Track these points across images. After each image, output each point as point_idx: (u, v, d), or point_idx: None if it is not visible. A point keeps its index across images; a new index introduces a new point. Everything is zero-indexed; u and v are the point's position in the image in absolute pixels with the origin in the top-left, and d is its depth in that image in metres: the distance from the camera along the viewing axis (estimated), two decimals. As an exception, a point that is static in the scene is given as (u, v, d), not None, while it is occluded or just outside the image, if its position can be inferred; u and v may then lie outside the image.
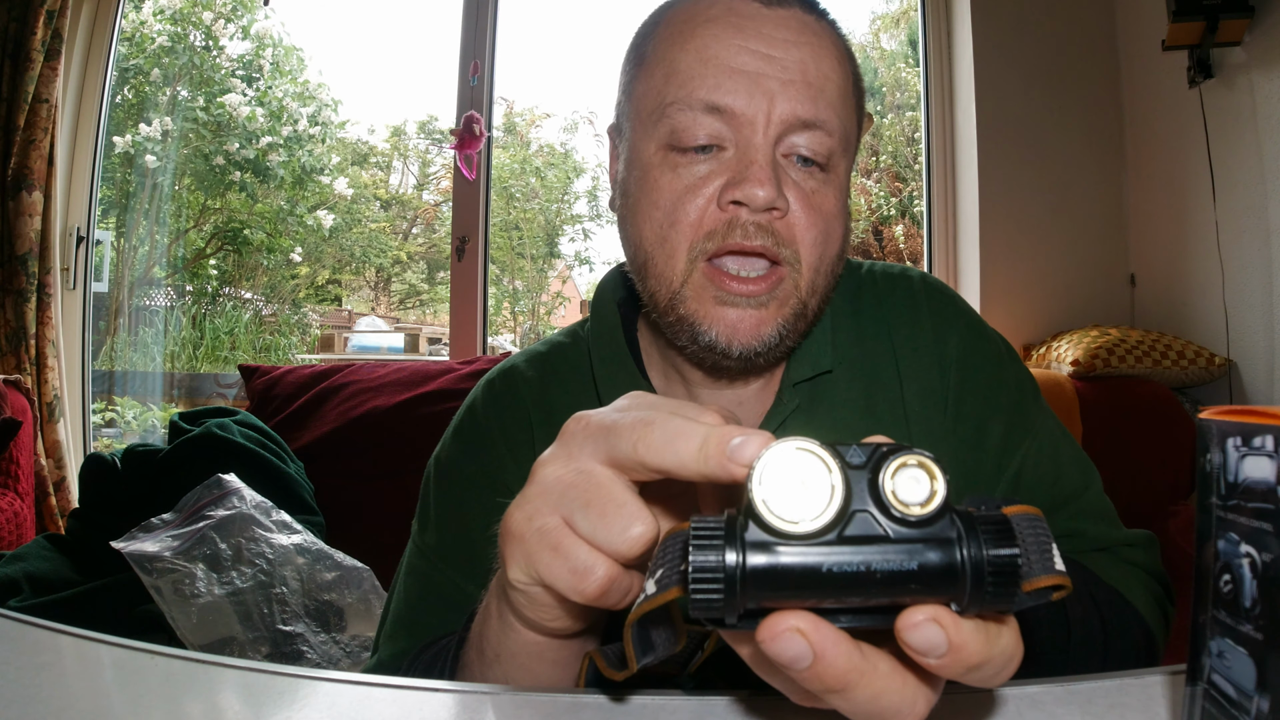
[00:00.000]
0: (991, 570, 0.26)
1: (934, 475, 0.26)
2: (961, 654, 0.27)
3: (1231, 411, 0.31)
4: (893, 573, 0.26)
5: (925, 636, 0.26)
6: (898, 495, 0.26)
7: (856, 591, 0.26)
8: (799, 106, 0.56)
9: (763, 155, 0.56)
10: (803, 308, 0.60)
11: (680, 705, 0.43)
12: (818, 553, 0.26)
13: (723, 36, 0.57)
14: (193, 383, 3.52)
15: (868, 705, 0.29)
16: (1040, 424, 0.69)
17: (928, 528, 0.26)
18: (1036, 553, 0.29)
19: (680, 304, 0.59)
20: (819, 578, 0.26)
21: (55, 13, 2.38)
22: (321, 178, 3.91)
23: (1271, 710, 0.28)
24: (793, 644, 0.26)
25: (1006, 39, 2.35)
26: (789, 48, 0.57)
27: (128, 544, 1.42)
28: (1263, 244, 1.86)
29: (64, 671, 0.46)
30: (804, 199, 0.58)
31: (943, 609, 0.27)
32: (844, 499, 0.26)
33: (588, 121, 4.00)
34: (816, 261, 0.59)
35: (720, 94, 0.56)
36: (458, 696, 0.44)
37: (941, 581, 0.26)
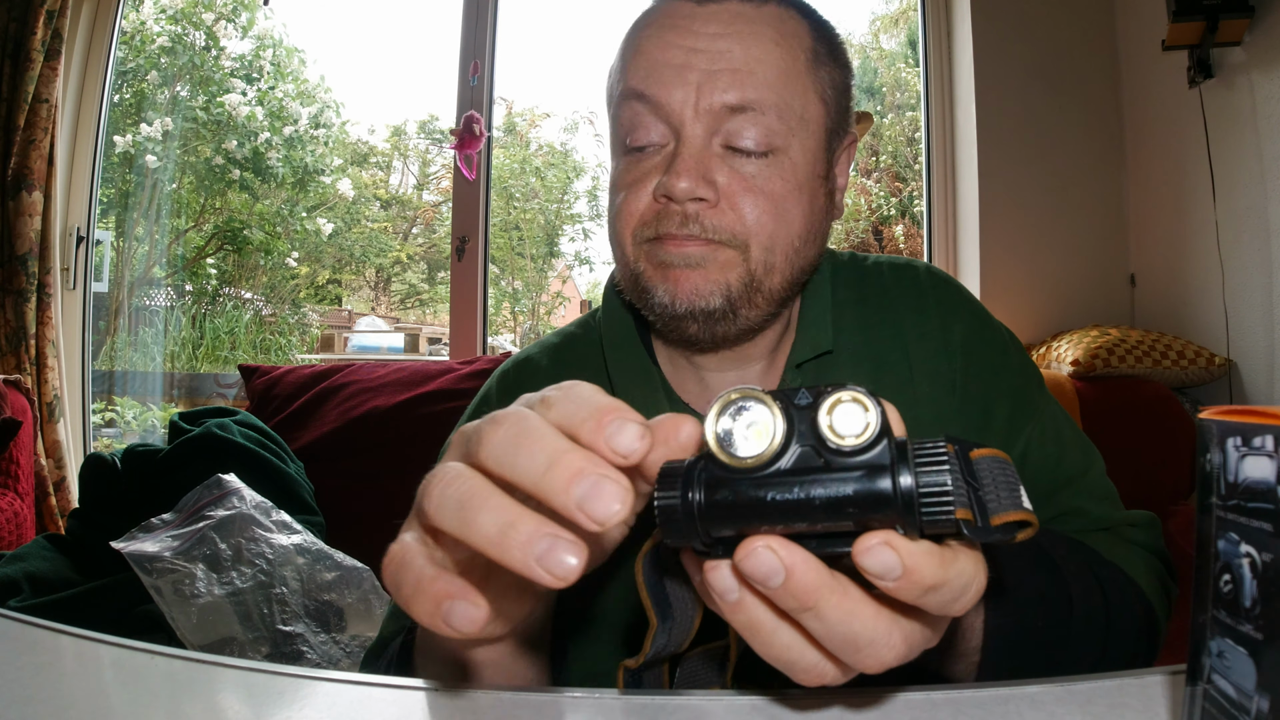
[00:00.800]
0: (923, 493, 0.28)
1: (867, 408, 0.29)
2: (915, 576, 0.29)
3: (1231, 411, 0.31)
4: (830, 499, 0.28)
5: (878, 559, 0.28)
6: (834, 428, 0.29)
7: (802, 518, 0.29)
8: (726, 93, 0.59)
9: (689, 148, 0.60)
10: (754, 282, 0.62)
11: (680, 705, 0.43)
12: (763, 485, 0.29)
13: (655, 36, 0.62)
14: (193, 383, 3.52)
15: (841, 627, 0.30)
16: (1044, 407, 0.71)
17: (862, 456, 0.28)
18: (1005, 490, 0.31)
19: (638, 276, 0.63)
20: (765, 506, 0.29)
21: (55, 13, 2.38)
22: (323, 178, 3.91)
23: (1271, 710, 0.28)
24: (765, 559, 0.29)
25: (1006, 39, 2.35)
26: (715, 39, 0.60)
27: (128, 544, 1.42)
28: (1263, 244, 1.86)
29: (64, 671, 0.46)
30: (742, 184, 0.60)
31: (894, 533, 0.29)
32: (784, 436, 0.29)
33: (588, 121, 4.00)
34: (768, 240, 0.61)
35: (649, 84, 0.60)
36: (458, 696, 0.44)
37: (876, 505, 0.28)
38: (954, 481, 0.28)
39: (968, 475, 0.31)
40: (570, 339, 0.75)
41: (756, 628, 0.32)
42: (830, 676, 0.33)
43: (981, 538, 0.30)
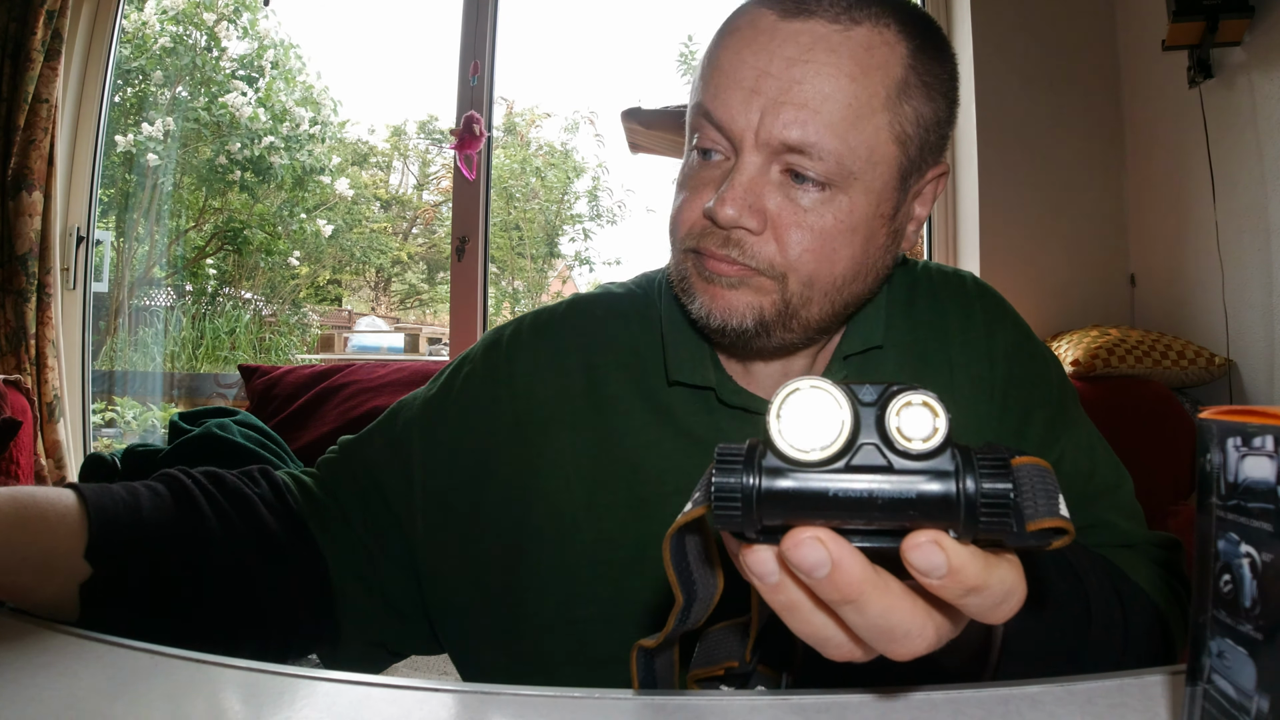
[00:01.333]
0: (984, 501, 0.28)
1: (936, 413, 0.29)
2: (959, 576, 0.30)
3: (1231, 411, 0.31)
4: (893, 499, 0.29)
5: (926, 556, 0.29)
6: (902, 430, 0.29)
7: (860, 515, 0.29)
8: (785, 130, 0.57)
9: (742, 176, 0.59)
10: (788, 309, 0.61)
11: (680, 705, 0.43)
12: (826, 479, 0.29)
13: (733, 50, 0.60)
14: (193, 383, 3.52)
15: (880, 620, 0.31)
16: (1080, 423, 0.73)
17: (928, 460, 0.29)
18: (1043, 498, 0.31)
19: (684, 277, 0.65)
20: (826, 500, 0.29)
21: (55, 13, 2.38)
22: (322, 178, 3.91)
23: (1271, 710, 0.28)
24: (813, 551, 0.29)
25: (1006, 39, 2.35)
26: (790, 65, 0.57)
27: (128, 544, 1.42)
28: (1263, 244, 1.86)
29: (64, 671, 0.46)
30: (793, 216, 0.59)
31: (943, 534, 0.29)
32: (851, 432, 0.29)
33: (588, 121, 4.00)
34: (809, 275, 0.60)
35: (715, 103, 0.60)
36: (458, 697, 0.44)
37: (938, 510, 0.29)
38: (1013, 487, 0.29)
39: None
40: (630, 295, 0.76)
41: (794, 608, 0.32)
42: (859, 655, 0.34)
43: (1016, 543, 0.31)
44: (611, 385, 0.70)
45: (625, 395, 0.69)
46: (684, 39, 3.88)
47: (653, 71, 4.68)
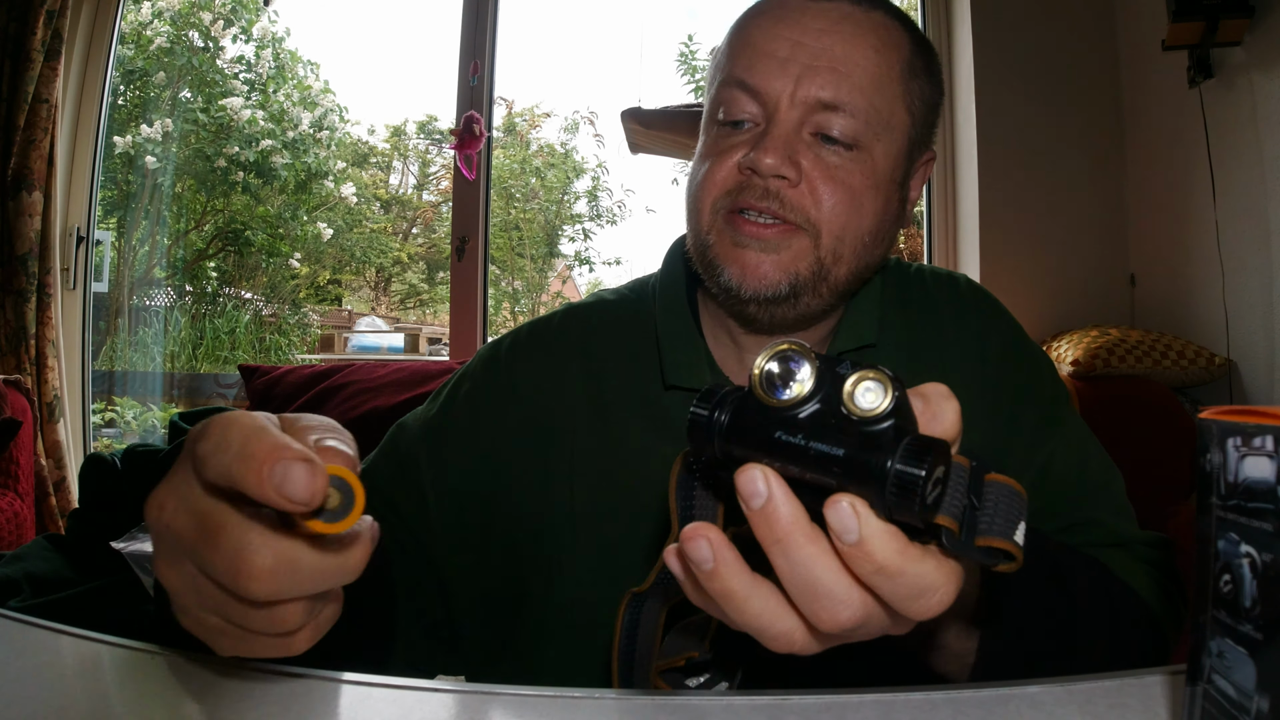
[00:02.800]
0: (895, 477, 0.30)
1: (887, 390, 0.31)
2: (868, 548, 0.31)
3: (1231, 411, 0.31)
4: (823, 454, 0.31)
5: (840, 515, 0.31)
6: (852, 398, 0.32)
7: (795, 461, 0.32)
8: (821, 90, 0.62)
9: (779, 130, 0.63)
10: (822, 269, 0.64)
11: (680, 705, 0.43)
12: (777, 424, 0.32)
13: (764, 25, 0.65)
14: (193, 383, 3.52)
15: (804, 569, 0.32)
16: (1071, 423, 0.73)
17: (867, 428, 0.31)
18: (1001, 518, 0.32)
19: (708, 248, 0.66)
20: (770, 442, 0.32)
21: (55, 13, 2.38)
22: (325, 182, 3.91)
23: (1271, 710, 0.28)
24: (754, 479, 0.32)
25: (1006, 40, 2.35)
26: (820, 36, 0.63)
27: (128, 544, 1.42)
28: (1263, 244, 1.86)
29: (64, 671, 0.46)
30: (824, 171, 0.63)
31: (864, 503, 0.31)
32: (810, 391, 0.32)
33: (588, 121, 4.00)
34: (839, 230, 0.64)
35: (751, 74, 0.64)
36: (458, 697, 0.44)
37: (855, 473, 0.31)
38: (928, 476, 0.30)
39: (972, 492, 0.32)
40: (625, 301, 0.78)
41: (730, 595, 0.33)
42: (799, 642, 0.34)
43: (958, 551, 0.32)
44: (610, 391, 0.70)
45: (623, 401, 0.70)
46: (684, 39, 3.88)
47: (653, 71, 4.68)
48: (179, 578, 0.34)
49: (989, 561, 0.32)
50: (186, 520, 0.32)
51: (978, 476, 0.33)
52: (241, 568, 0.31)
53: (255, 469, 0.29)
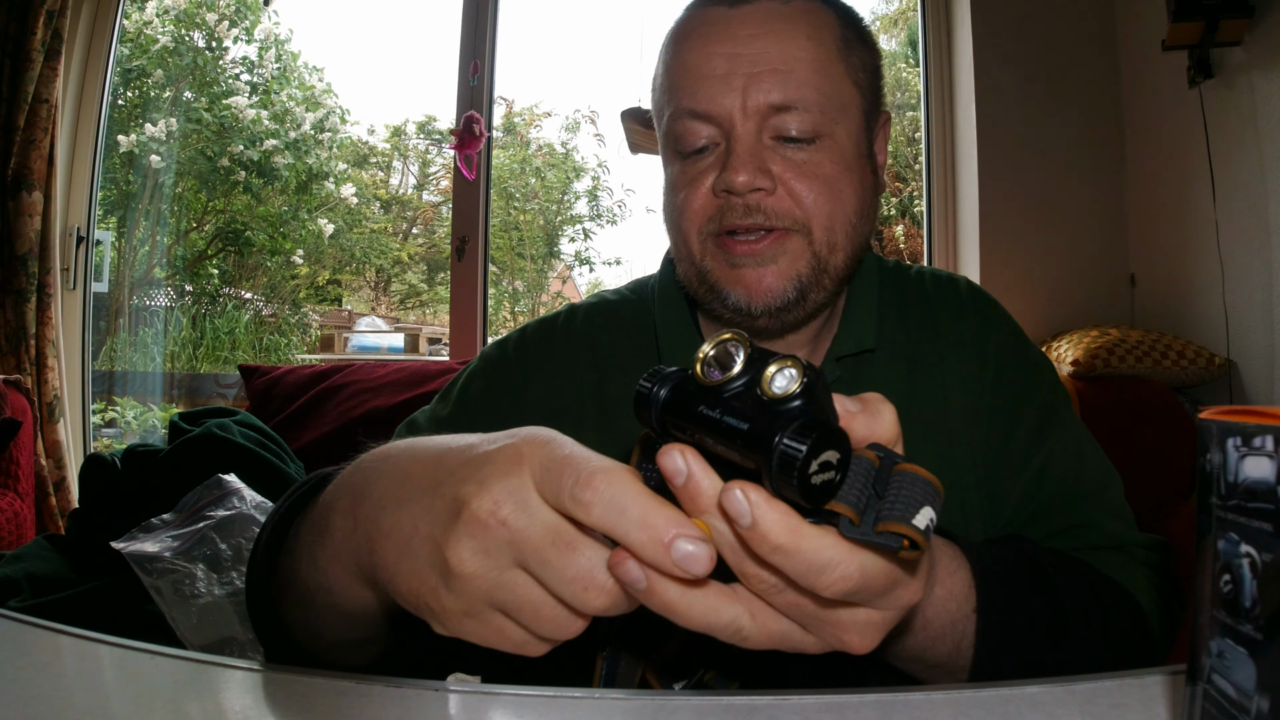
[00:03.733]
0: (779, 452, 0.32)
1: (798, 377, 0.33)
2: (761, 528, 0.32)
3: (1231, 411, 0.31)
4: (731, 427, 0.33)
5: (733, 501, 0.32)
6: (768, 381, 0.34)
7: (710, 433, 0.34)
8: (770, 94, 0.63)
9: (742, 145, 0.63)
10: (820, 263, 0.65)
11: (680, 705, 0.43)
12: (702, 400, 0.35)
13: (695, 46, 0.65)
14: (193, 383, 3.52)
15: (728, 536, 0.34)
16: (1070, 425, 0.73)
17: (774, 408, 0.33)
18: (903, 505, 0.33)
19: (706, 274, 0.67)
20: (694, 415, 0.35)
21: (55, 13, 2.38)
22: (327, 183, 3.91)
23: (1271, 710, 0.28)
24: (674, 458, 0.33)
25: (1006, 39, 2.35)
26: (753, 40, 0.63)
27: (128, 544, 1.42)
28: (1263, 244, 1.86)
29: (64, 671, 0.46)
30: (796, 171, 0.64)
31: (756, 486, 0.32)
32: (737, 374, 0.35)
33: (589, 121, 4.00)
34: (827, 219, 0.64)
35: (699, 100, 0.64)
36: (458, 697, 0.44)
37: (752, 445, 0.33)
38: (823, 465, 0.32)
39: (877, 483, 0.34)
40: (625, 301, 0.78)
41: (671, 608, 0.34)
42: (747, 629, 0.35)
43: (857, 537, 0.33)
44: (614, 389, 0.71)
45: (625, 398, 0.70)
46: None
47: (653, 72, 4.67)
48: (478, 574, 0.34)
49: (891, 547, 0.33)
50: (532, 526, 0.34)
51: (886, 470, 0.34)
52: (592, 582, 0.33)
53: (657, 540, 0.32)
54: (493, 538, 0.34)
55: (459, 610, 0.35)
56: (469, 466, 0.36)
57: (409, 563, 0.36)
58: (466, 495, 0.34)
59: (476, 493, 0.34)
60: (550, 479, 0.34)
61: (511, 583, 0.34)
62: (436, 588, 0.35)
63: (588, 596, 0.34)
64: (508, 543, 0.34)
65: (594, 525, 0.33)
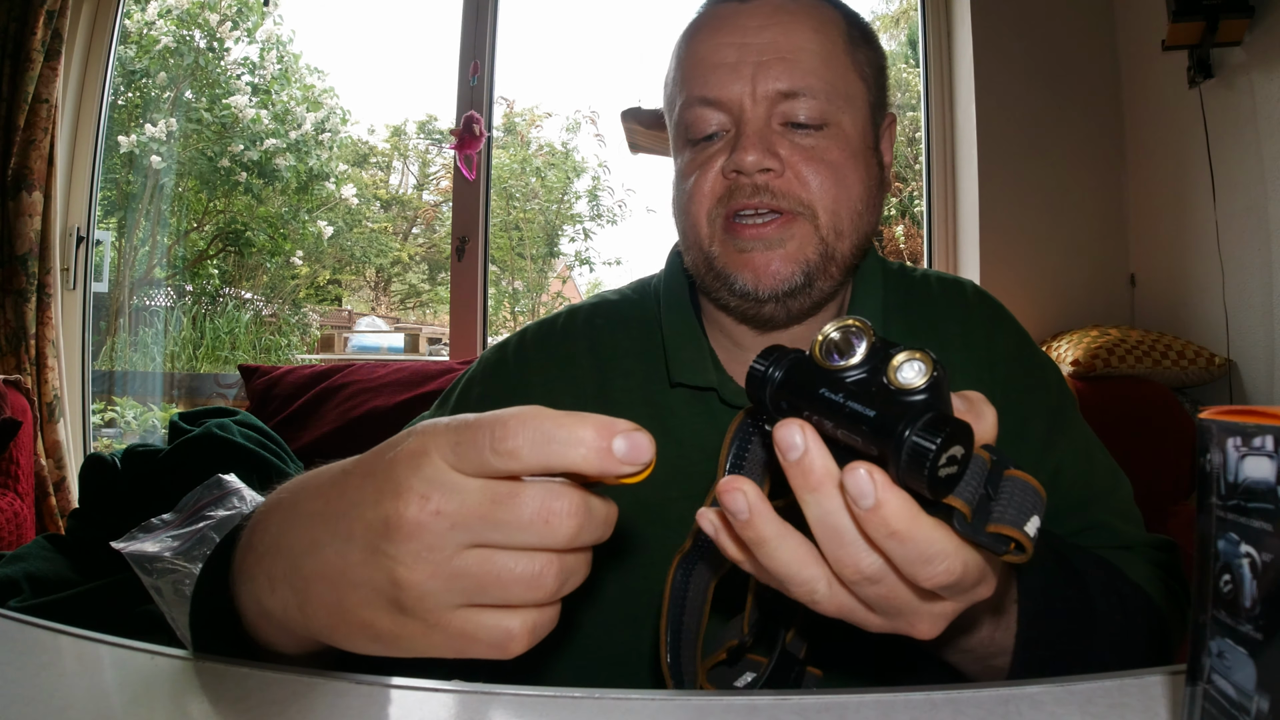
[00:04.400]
0: (909, 446, 0.32)
1: (926, 369, 0.34)
2: (883, 512, 0.32)
3: (1231, 411, 0.31)
4: (855, 413, 0.34)
5: (857, 480, 0.32)
6: (896, 371, 0.34)
7: (831, 416, 0.34)
8: (777, 82, 0.64)
9: (751, 128, 0.65)
10: (828, 249, 0.66)
11: (680, 705, 0.43)
12: (823, 383, 0.35)
13: (705, 38, 0.68)
14: (193, 383, 3.52)
15: (832, 518, 0.35)
16: (1079, 428, 0.74)
17: (901, 398, 0.33)
18: (1014, 509, 0.34)
19: (713, 260, 0.67)
20: (814, 396, 0.35)
21: (55, 13, 2.38)
22: (327, 183, 3.91)
23: (1271, 710, 0.28)
24: (792, 432, 0.34)
25: (1006, 39, 2.35)
26: (761, 31, 0.66)
27: (128, 544, 1.42)
28: (1263, 244, 1.86)
29: (64, 671, 0.46)
30: (803, 155, 0.65)
31: (880, 469, 0.33)
32: (860, 359, 0.35)
33: (589, 121, 4.00)
34: (833, 204, 0.65)
35: (709, 88, 0.66)
36: (458, 697, 0.44)
37: (879, 433, 0.33)
38: (949, 459, 0.32)
39: (989, 484, 0.34)
40: (628, 301, 0.78)
41: (763, 542, 0.35)
42: (821, 593, 0.36)
43: (969, 534, 0.33)
44: (617, 390, 0.71)
45: (630, 399, 0.70)
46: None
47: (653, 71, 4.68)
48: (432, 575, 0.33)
49: (999, 548, 0.33)
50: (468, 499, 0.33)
51: (998, 471, 0.34)
52: (552, 512, 0.33)
53: (596, 449, 0.32)
54: (432, 532, 0.33)
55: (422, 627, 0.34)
56: (376, 480, 0.34)
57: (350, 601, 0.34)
58: (388, 507, 0.33)
59: (397, 498, 0.33)
60: (464, 451, 0.33)
61: (466, 565, 0.33)
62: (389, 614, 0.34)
63: (553, 526, 0.33)
64: (450, 529, 0.33)
65: (527, 467, 0.32)
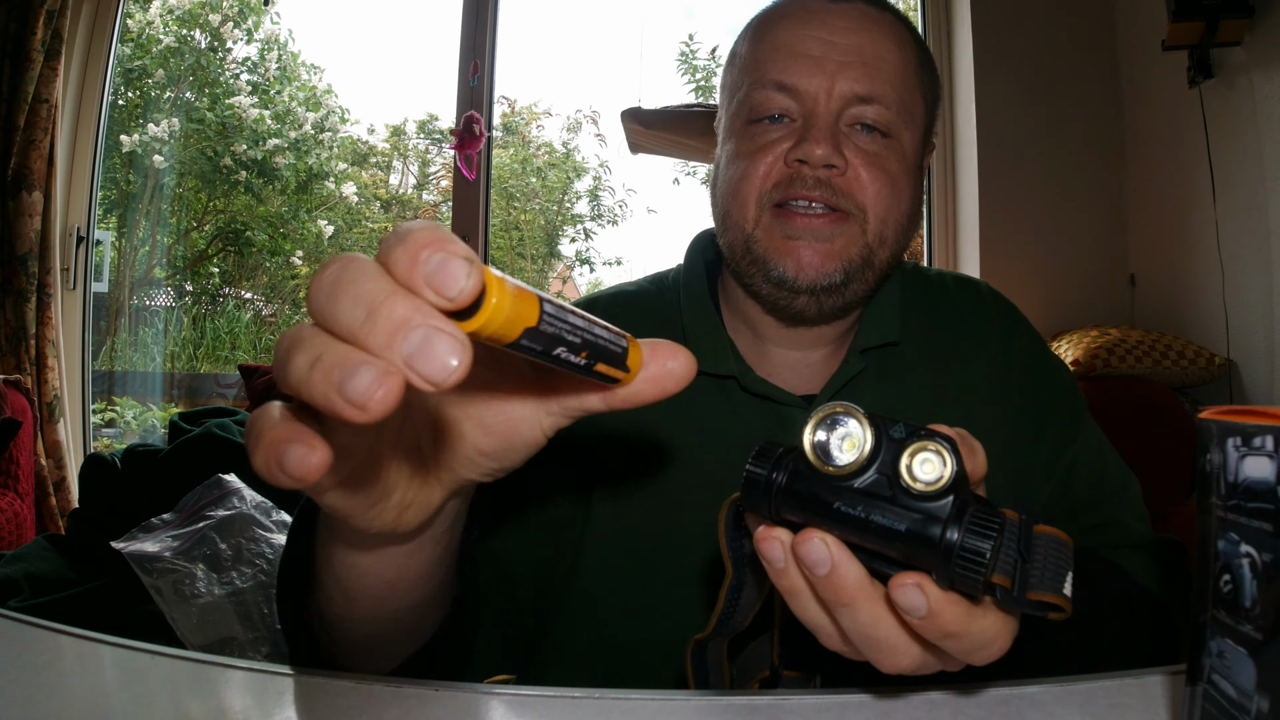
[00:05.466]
0: (960, 554, 0.31)
1: (945, 463, 0.32)
2: (938, 620, 0.32)
3: (1231, 411, 0.31)
4: (884, 528, 0.32)
5: (908, 596, 0.32)
6: (911, 470, 0.32)
7: (855, 532, 0.32)
8: (856, 84, 0.65)
9: (823, 121, 0.65)
10: (869, 254, 0.66)
11: (680, 706, 0.43)
12: (834, 493, 0.33)
13: (792, 28, 0.67)
14: (193, 383, 3.52)
15: (869, 628, 0.34)
16: (1091, 429, 0.75)
17: (927, 503, 0.31)
18: (1051, 571, 0.32)
19: (754, 244, 0.67)
20: (830, 511, 0.33)
21: (55, 13, 2.38)
22: (327, 183, 3.91)
23: (1271, 710, 0.28)
24: (817, 549, 0.33)
25: (1006, 39, 2.35)
26: (848, 34, 0.66)
27: (128, 544, 1.42)
28: (1263, 244, 1.86)
29: (64, 671, 0.46)
30: (866, 159, 0.65)
31: (928, 578, 0.32)
32: (868, 459, 0.33)
33: (590, 120, 4.00)
34: (884, 213, 0.66)
35: (788, 74, 0.66)
36: (458, 696, 0.44)
37: (920, 550, 0.31)
38: (994, 550, 0.30)
39: (1023, 546, 0.32)
40: (645, 292, 0.78)
41: (796, 593, 0.35)
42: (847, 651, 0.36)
43: (1011, 606, 0.32)
44: None
45: None
46: (684, 39, 3.88)
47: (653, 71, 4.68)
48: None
49: (1040, 613, 0.33)
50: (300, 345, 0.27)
51: (1027, 529, 0.33)
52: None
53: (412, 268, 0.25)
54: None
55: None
56: None
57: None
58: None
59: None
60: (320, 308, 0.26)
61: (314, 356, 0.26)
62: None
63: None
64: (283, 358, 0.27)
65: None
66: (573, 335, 0.29)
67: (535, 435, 0.37)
